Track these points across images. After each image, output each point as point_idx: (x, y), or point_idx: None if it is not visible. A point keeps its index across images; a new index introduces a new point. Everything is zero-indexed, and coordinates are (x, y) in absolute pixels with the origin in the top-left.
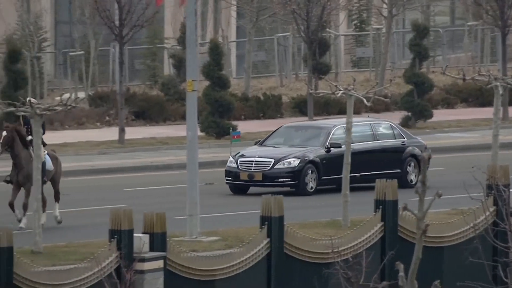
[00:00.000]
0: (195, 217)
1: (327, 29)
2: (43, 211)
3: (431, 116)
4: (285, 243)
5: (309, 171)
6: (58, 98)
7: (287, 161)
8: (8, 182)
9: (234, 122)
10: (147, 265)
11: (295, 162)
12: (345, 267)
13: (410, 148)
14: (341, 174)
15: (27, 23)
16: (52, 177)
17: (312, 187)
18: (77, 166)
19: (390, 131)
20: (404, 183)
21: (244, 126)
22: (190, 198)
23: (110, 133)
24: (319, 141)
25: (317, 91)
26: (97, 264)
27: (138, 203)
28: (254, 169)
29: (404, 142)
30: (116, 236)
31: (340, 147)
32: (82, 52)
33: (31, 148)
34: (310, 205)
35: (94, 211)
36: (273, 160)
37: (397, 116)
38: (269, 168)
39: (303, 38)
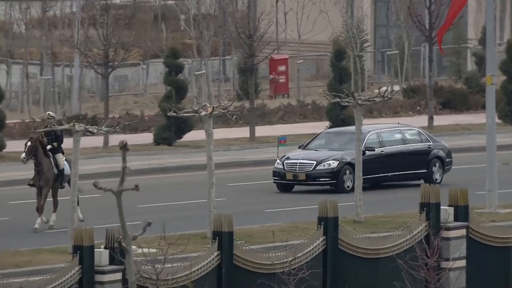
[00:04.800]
0: (494, 192)
1: None
2: (54, 211)
3: None
4: None
5: (347, 172)
6: (376, 90)
7: (327, 163)
8: (31, 185)
9: None
10: (452, 233)
11: (334, 164)
12: None
13: (435, 150)
14: (375, 174)
15: (351, 27)
16: (70, 181)
17: (349, 186)
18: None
19: (417, 136)
20: (430, 181)
21: None
22: (490, 176)
23: (420, 121)
24: (356, 145)
25: None
26: (409, 232)
27: (445, 180)
28: (298, 170)
29: (430, 145)
30: (425, 208)
31: (374, 150)
32: (397, 51)
33: (51, 156)
34: None
35: (398, 186)
36: (315, 162)
37: None
38: (311, 169)
39: None
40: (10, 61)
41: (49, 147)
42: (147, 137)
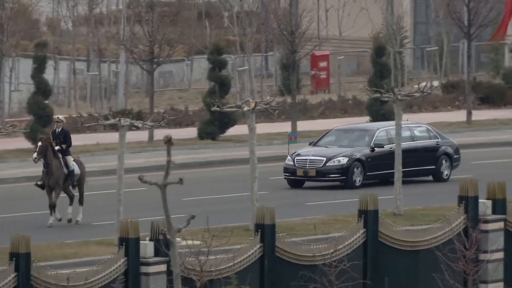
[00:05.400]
0: None
1: None
2: (70, 204)
3: None
4: None
5: (356, 168)
6: (416, 86)
7: (337, 159)
8: (39, 186)
9: None
10: (490, 226)
11: (344, 160)
12: None
13: (443, 147)
14: (384, 171)
15: (391, 24)
16: (78, 180)
17: (358, 182)
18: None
19: (426, 133)
20: (439, 178)
21: None
22: None
23: (459, 115)
24: (365, 141)
25: None
26: (448, 224)
27: (483, 174)
28: (308, 166)
29: (438, 142)
30: (463, 201)
31: (383, 147)
32: (436, 47)
33: (60, 157)
34: None
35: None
36: (325, 159)
37: None
38: (321, 165)
39: None
40: (57, 57)
41: (57, 148)
42: (191, 132)
